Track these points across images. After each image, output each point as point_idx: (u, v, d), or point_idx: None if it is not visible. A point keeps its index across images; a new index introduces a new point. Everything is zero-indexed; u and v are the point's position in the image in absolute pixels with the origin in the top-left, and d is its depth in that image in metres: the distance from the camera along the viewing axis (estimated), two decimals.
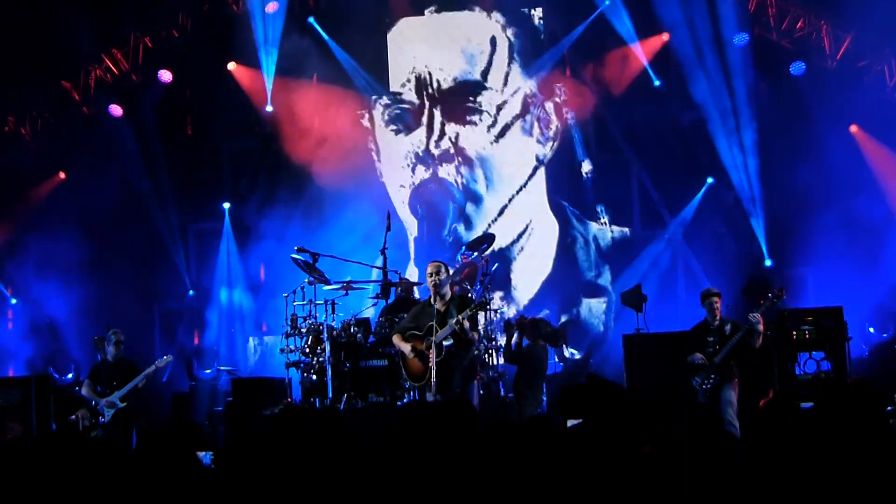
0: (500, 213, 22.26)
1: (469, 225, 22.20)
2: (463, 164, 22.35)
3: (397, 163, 22.61)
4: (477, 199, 22.38)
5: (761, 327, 14.94)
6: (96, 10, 21.30)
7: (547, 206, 22.30)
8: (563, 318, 21.54)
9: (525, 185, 22.31)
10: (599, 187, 22.21)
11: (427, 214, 22.38)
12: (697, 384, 15.11)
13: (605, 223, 22.14)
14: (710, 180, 21.48)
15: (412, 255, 22.30)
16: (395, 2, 22.60)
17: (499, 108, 22.39)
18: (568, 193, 22.30)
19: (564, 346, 17.85)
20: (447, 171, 22.38)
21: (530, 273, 22.18)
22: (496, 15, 22.44)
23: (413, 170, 22.51)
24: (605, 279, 22.08)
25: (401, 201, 22.49)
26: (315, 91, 22.48)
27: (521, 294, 22.09)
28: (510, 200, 22.31)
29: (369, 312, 18.64)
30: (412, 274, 21.60)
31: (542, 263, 22.23)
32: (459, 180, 22.39)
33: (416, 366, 13.92)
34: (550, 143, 22.33)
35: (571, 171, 22.29)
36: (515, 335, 16.86)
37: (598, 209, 22.12)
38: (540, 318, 17.38)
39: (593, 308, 21.92)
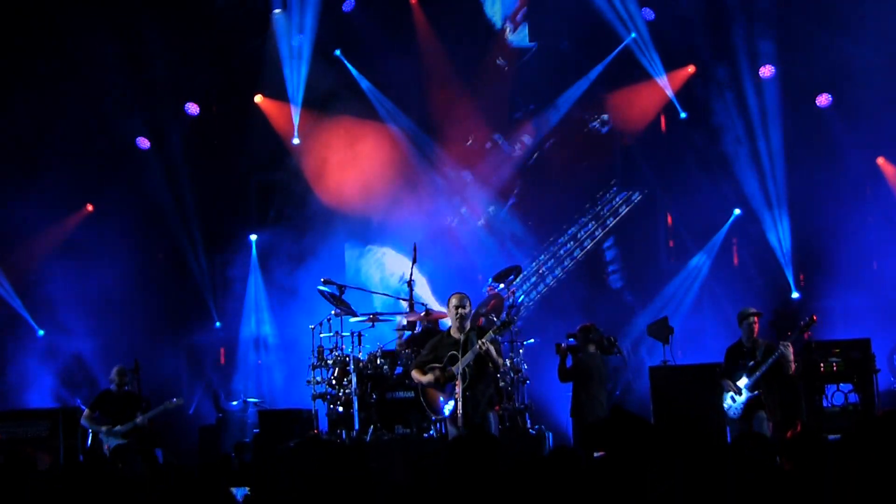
0: None
1: None
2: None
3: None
4: None
5: (791, 354, 14.93)
6: (124, 42, 21.44)
7: None
8: None
9: None
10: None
11: None
12: (727, 409, 15.14)
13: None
14: (736, 212, 21.43)
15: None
16: (422, 34, 22.65)
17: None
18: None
19: (619, 352, 17.62)
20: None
21: None
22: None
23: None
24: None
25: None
26: (342, 122, 22.54)
27: None
28: None
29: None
30: None
31: None
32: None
33: (438, 398, 13.87)
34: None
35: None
36: (569, 356, 16.73)
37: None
38: (590, 324, 17.25)
39: None
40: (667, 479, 6.21)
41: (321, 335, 17.56)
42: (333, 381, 16.98)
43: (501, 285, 17.98)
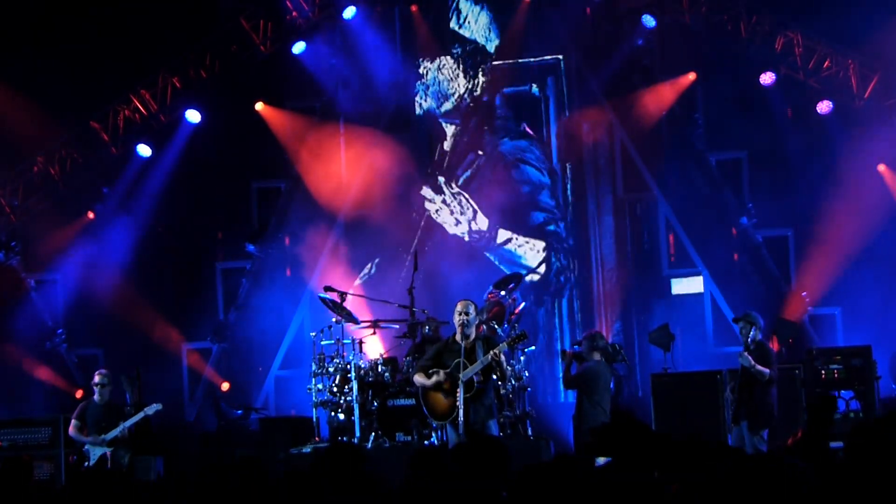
0: None
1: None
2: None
3: None
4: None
5: (748, 361, 14.85)
6: (124, 50, 21.44)
7: None
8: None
9: None
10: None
11: None
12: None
13: None
14: (740, 220, 21.35)
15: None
16: (423, 42, 22.66)
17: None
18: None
19: (624, 360, 17.55)
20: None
21: None
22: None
23: None
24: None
25: None
26: (343, 130, 22.55)
27: None
28: None
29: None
30: None
31: None
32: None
33: (441, 402, 13.84)
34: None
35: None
36: (574, 363, 16.66)
37: None
38: (595, 331, 17.21)
39: None
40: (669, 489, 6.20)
41: (322, 342, 17.57)
42: (334, 389, 17.00)
43: (503, 293, 17.97)
